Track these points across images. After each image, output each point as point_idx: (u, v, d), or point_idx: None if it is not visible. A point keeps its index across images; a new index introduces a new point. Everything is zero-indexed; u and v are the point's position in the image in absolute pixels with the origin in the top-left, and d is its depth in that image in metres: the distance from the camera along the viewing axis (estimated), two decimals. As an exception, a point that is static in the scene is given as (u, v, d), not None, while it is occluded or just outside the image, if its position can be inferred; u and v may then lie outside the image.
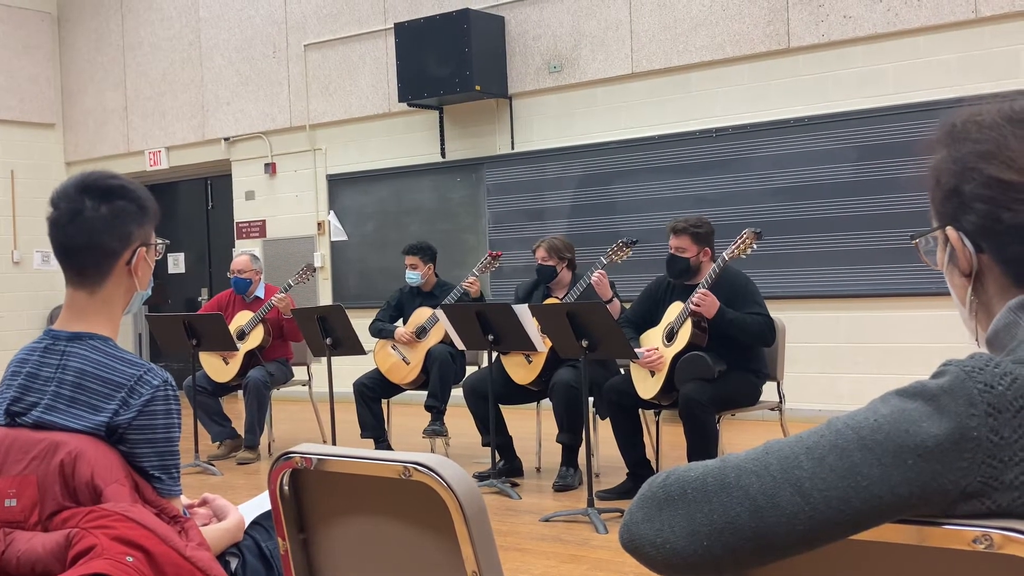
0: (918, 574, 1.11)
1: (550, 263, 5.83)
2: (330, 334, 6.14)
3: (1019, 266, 1.14)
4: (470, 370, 6.35)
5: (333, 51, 10.03)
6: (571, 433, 5.50)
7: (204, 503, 2.17)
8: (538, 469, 6.07)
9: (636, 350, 5.00)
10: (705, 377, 4.86)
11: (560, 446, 5.61)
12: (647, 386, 5.11)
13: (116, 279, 2.00)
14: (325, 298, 10.04)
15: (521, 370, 5.76)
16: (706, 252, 5.19)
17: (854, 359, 7.35)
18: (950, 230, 1.18)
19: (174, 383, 1.97)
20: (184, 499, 2.05)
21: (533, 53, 8.80)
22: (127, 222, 1.98)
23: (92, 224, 1.94)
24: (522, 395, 5.88)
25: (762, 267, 6.90)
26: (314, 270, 7.48)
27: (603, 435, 5.75)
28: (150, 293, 2.12)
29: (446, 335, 5.97)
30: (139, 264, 2.01)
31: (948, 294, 1.25)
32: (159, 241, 2.09)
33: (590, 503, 4.82)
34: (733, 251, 4.95)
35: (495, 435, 5.67)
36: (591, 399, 5.25)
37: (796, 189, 7.51)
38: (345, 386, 6.55)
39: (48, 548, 1.76)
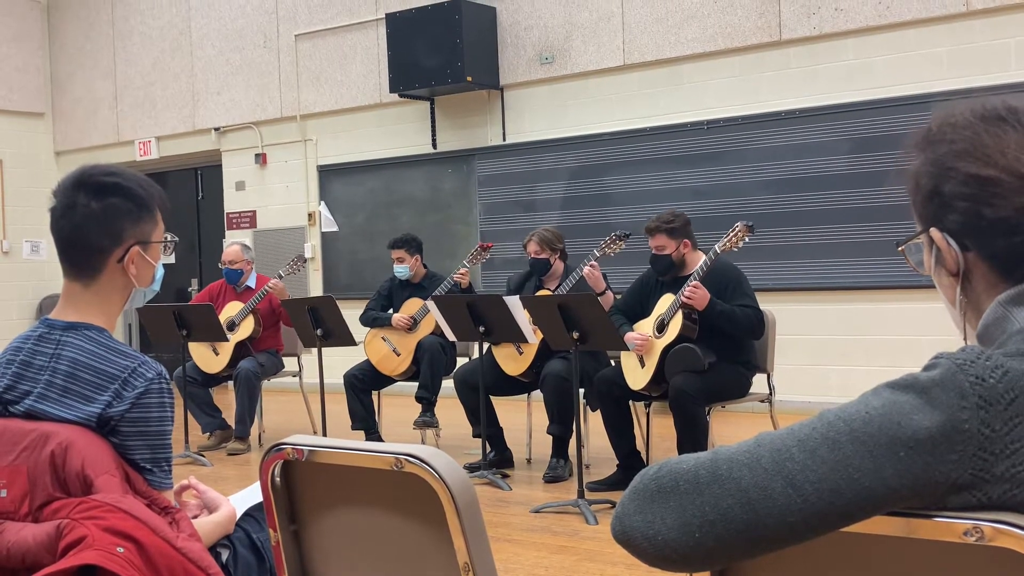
0: (909, 567, 1.12)
1: (543, 256, 5.82)
2: (321, 325, 6.13)
3: (1005, 260, 1.15)
4: (461, 361, 6.35)
5: (324, 41, 10.00)
6: (561, 424, 5.51)
7: (185, 488, 2.16)
8: (528, 460, 6.08)
9: (628, 335, 5.04)
10: (695, 369, 4.88)
11: (551, 437, 5.61)
12: (637, 377, 5.12)
13: (109, 275, 1.98)
14: (316, 289, 10.03)
15: (512, 361, 5.76)
16: (686, 244, 5.20)
17: (844, 351, 7.38)
18: (934, 231, 1.20)
19: (168, 376, 1.96)
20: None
21: (525, 44, 8.79)
22: (118, 220, 1.96)
23: (82, 220, 1.93)
24: (513, 386, 5.89)
25: (753, 259, 6.91)
26: (304, 261, 7.47)
27: (593, 426, 5.76)
28: (158, 289, 2.11)
29: (437, 326, 5.97)
30: (132, 263, 1.99)
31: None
32: (168, 237, 2.08)
33: (580, 494, 4.83)
34: (725, 244, 4.96)
35: (486, 426, 5.67)
36: (582, 390, 5.26)
37: (787, 181, 7.52)
38: (335, 377, 6.54)
39: (38, 539, 1.75)
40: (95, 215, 1.94)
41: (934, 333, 5.88)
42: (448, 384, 6.15)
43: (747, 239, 4.99)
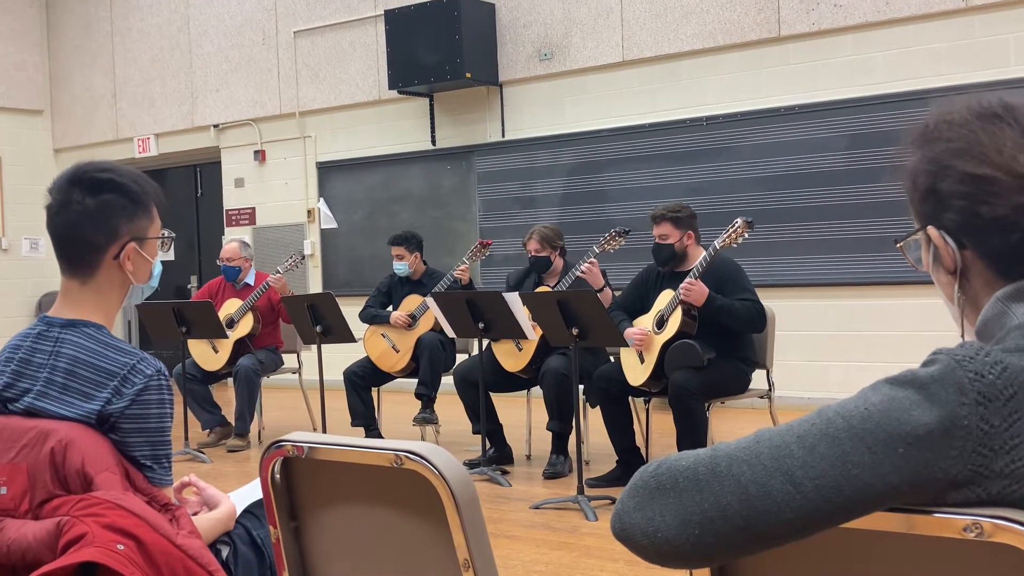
0: (909, 562, 1.12)
1: (544, 254, 5.81)
2: (320, 322, 6.13)
3: (1002, 259, 1.15)
4: (460, 358, 6.35)
5: (323, 38, 9.99)
6: (561, 421, 5.51)
7: (185, 486, 2.16)
8: (528, 457, 6.08)
9: (627, 331, 5.04)
10: (694, 365, 4.88)
11: (550, 434, 5.62)
12: (636, 373, 5.12)
13: (106, 272, 1.98)
14: (315, 286, 10.02)
15: (511, 358, 5.76)
16: (689, 236, 5.21)
17: (843, 347, 7.38)
18: (931, 229, 1.20)
19: (167, 373, 1.96)
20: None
21: (524, 40, 8.78)
22: (113, 216, 1.96)
23: (77, 217, 1.93)
24: (512, 383, 5.89)
25: (752, 255, 6.91)
26: (303, 258, 7.46)
27: (593, 423, 5.76)
28: (155, 286, 2.11)
29: (436, 323, 5.97)
30: (128, 259, 1.99)
31: (937, 283, 1.26)
32: (165, 233, 2.08)
33: (580, 490, 4.83)
34: (725, 240, 4.96)
35: (485, 423, 5.67)
36: (581, 387, 5.26)
37: (786, 177, 7.52)
38: (335, 374, 6.54)
39: (38, 536, 1.75)
40: (90, 212, 1.93)
41: (933, 329, 5.87)
42: (448, 381, 6.15)
43: (746, 235, 4.99)
